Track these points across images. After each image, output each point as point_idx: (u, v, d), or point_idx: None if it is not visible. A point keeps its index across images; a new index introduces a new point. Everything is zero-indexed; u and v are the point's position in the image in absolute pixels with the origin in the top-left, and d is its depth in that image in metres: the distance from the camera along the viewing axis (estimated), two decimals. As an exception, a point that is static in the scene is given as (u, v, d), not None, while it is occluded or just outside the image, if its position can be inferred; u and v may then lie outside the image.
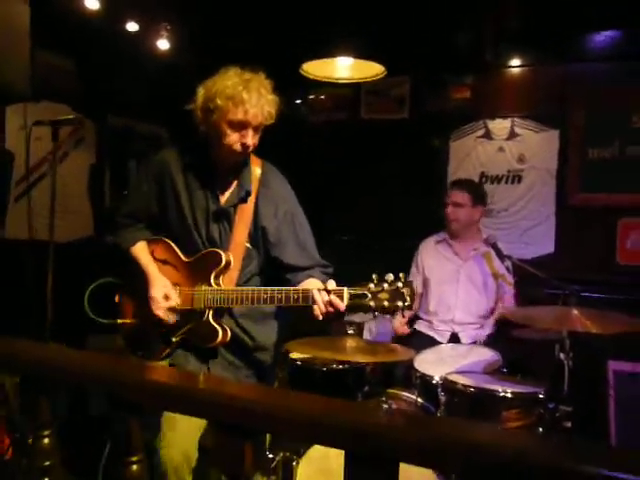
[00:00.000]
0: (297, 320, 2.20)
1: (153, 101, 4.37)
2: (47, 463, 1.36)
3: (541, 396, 2.33)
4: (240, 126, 1.89)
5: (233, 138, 1.91)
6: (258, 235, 2.05)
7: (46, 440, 1.33)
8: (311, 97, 4.61)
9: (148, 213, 2.14)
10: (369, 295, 1.75)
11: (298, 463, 2.32)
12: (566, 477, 0.94)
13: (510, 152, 4.20)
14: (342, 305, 1.78)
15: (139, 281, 2.12)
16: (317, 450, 2.30)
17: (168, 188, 2.07)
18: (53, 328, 2.45)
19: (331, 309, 1.80)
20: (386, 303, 1.74)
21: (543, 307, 2.51)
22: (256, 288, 1.96)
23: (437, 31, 3.62)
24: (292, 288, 1.90)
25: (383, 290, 1.74)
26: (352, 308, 1.84)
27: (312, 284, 1.93)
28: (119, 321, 2.21)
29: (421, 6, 3.29)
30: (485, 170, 4.26)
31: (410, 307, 1.77)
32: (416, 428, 1.08)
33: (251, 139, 1.92)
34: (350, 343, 2.57)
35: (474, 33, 3.77)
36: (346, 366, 2.73)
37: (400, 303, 1.73)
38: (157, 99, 4.35)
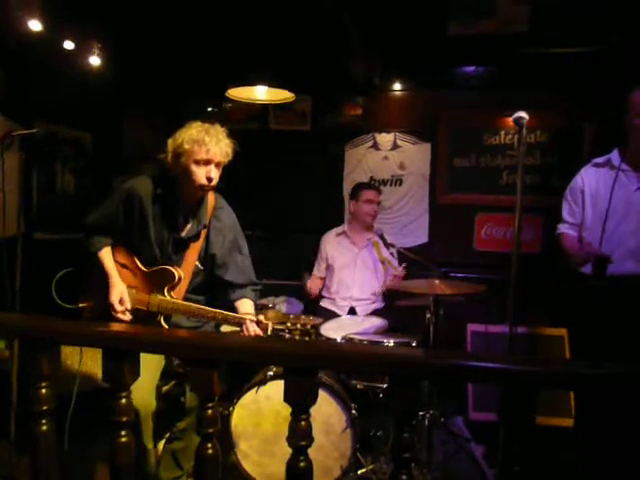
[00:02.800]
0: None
1: (77, 109, 4.38)
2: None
3: (413, 344, 2.88)
4: (204, 163, 2.18)
5: (199, 174, 2.19)
6: (207, 258, 2.37)
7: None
8: (228, 106, 4.67)
9: (112, 226, 2.35)
10: (286, 330, 2.14)
11: (233, 409, 2.72)
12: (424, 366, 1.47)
13: (393, 160, 4.53)
14: (265, 335, 2.15)
15: (98, 276, 2.36)
16: (248, 397, 2.72)
17: (136, 212, 2.29)
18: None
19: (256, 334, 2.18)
20: (297, 336, 2.14)
21: (417, 280, 3.13)
22: (201, 307, 2.27)
23: (335, 61, 3.88)
24: (230, 314, 2.25)
25: (297, 329, 2.13)
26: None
27: (245, 306, 2.33)
28: (80, 305, 2.44)
29: (321, 41, 3.61)
30: (373, 175, 4.58)
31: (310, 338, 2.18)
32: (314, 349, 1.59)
33: (214, 173, 2.21)
34: (271, 314, 3.03)
35: (365, 63, 4.06)
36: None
37: (307, 338, 2.15)
38: (81, 107, 4.38)
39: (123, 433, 1.68)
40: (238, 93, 3.31)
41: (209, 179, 2.21)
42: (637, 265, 2.47)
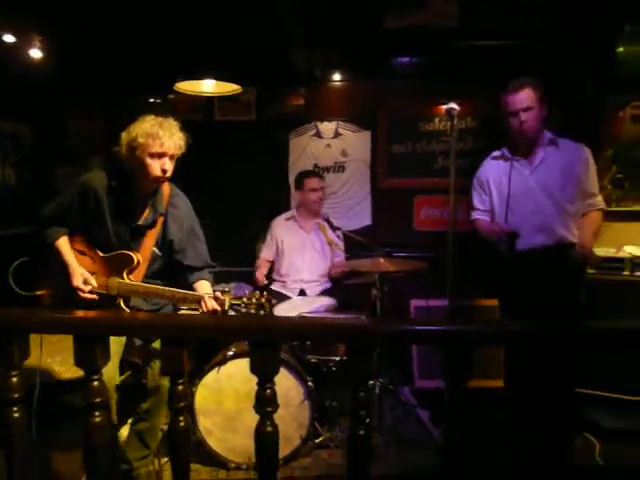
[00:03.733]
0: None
1: (16, 102, 4.24)
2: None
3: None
4: (159, 156, 2.25)
5: (154, 166, 2.26)
6: (165, 244, 2.44)
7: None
8: (171, 97, 4.61)
9: (68, 217, 2.39)
10: (243, 304, 2.21)
11: (196, 389, 2.81)
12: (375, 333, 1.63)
13: (336, 148, 4.60)
14: (222, 310, 2.22)
15: (56, 265, 2.39)
16: (210, 377, 2.82)
17: (92, 204, 2.33)
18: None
19: (214, 310, 2.24)
20: (253, 310, 2.19)
21: (362, 259, 3.30)
22: (160, 287, 2.34)
23: (278, 54, 3.94)
24: (188, 292, 2.32)
25: (252, 303, 2.19)
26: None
27: (204, 287, 2.40)
28: (37, 292, 2.47)
29: (264, 35, 3.67)
30: (317, 162, 4.62)
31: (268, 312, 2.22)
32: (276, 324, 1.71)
33: (168, 165, 2.28)
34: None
35: (307, 56, 4.15)
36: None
37: (262, 311, 2.19)
38: (20, 101, 4.24)
39: (97, 414, 1.75)
40: (185, 86, 3.34)
41: (164, 171, 2.28)
42: (545, 237, 2.75)
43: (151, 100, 4.78)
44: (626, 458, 2.72)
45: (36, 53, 3.83)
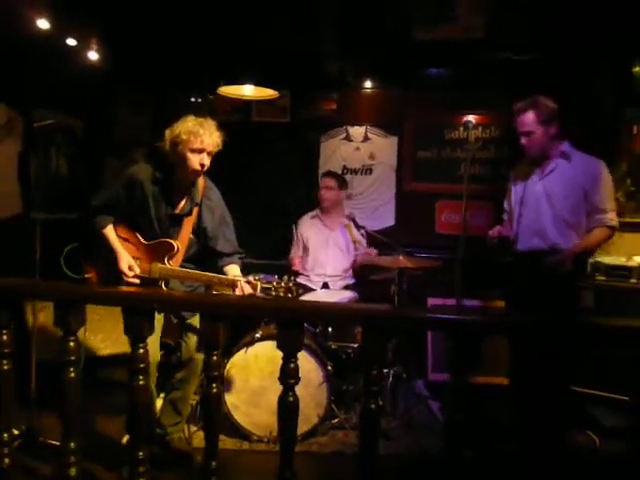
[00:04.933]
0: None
1: (70, 98, 4.48)
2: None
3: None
4: (199, 151, 2.46)
5: (194, 160, 2.47)
6: (200, 231, 2.65)
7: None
8: (211, 97, 4.78)
9: (115, 207, 2.61)
10: (273, 288, 2.39)
11: (225, 367, 2.95)
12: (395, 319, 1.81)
13: (364, 151, 4.76)
14: (255, 293, 2.41)
15: (103, 250, 2.62)
16: (238, 357, 2.97)
17: (138, 194, 2.56)
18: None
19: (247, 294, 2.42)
20: (282, 294, 2.36)
21: (384, 256, 3.47)
22: (198, 272, 2.55)
23: (313, 61, 4.15)
24: (223, 276, 2.54)
25: (281, 287, 2.37)
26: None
27: (233, 270, 2.61)
28: (86, 275, 2.70)
29: (300, 44, 3.89)
30: (346, 164, 4.79)
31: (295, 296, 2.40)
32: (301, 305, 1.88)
33: (206, 161, 2.50)
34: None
35: (339, 63, 4.33)
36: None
37: (290, 295, 2.36)
38: (73, 97, 4.49)
39: (141, 377, 1.97)
40: (227, 90, 3.56)
41: (202, 165, 2.50)
42: (541, 241, 2.84)
43: (193, 99, 5.03)
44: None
45: (91, 52, 4.05)
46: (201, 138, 2.45)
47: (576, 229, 2.80)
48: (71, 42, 3.93)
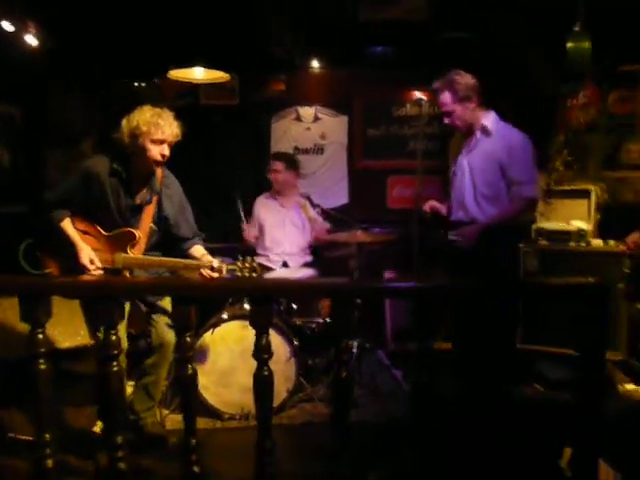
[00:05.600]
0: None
1: (10, 87, 4.30)
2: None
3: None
4: (159, 142, 2.48)
5: (155, 151, 2.49)
6: (161, 220, 2.67)
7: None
8: (157, 82, 4.63)
9: (71, 201, 2.58)
10: (238, 269, 2.49)
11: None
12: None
13: (315, 131, 4.82)
14: (221, 276, 2.48)
15: (61, 245, 2.58)
16: (205, 338, 3.01)
17: (95, 187, 2.54)
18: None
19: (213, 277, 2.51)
20: (247, 274, 2.46)
21: (341, 232, 3.55)
22: (162, 258, 2.59)
23: (260, 43, 4.13)
24: (189, 261, 2.59)
25: (246, 267, 2.48)
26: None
27: (198, 250, 2.67)
28: (47, 271, 2.65)
29: (248, 25, 3.89)
30: (297, 144, 4.84)
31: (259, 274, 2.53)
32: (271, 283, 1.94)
33: (166, 151, 2.52)
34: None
35: (287, 44, 4.30)
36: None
37: (254, 274, 2.47)
38: (11, 84, 4.29)
39: (114, 363, 1.98)
40: (178, 74, 3.51)
41: (163, 156, 2.52)
42: (463, 214, 2.90)
43: (136, 84, 4.89)
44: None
45: (29, 38, 3.89)
46: (162, 129, 2.46)
47: (494, 202, 2.82)
48: (7, 27, 3.76)
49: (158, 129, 2.45)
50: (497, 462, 2.29)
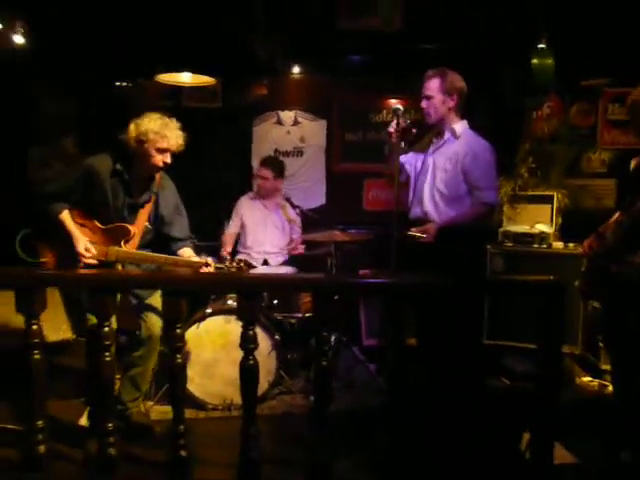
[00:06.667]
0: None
1: None
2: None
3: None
4: (163, 151, 2.60)
5: (158, 158, 2.61)
6: (157, 219, 2.78)
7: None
8: (140, 82, 4.66)
9: (70, 196, 2.67)
10: (225, 267, 2.62)
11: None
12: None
13: (295, 134, 4.93)
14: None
15: (58, 235, 2.66)
16: (190, 332, 3.05)
17: (96, 185, 2.64)
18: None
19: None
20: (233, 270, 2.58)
21: (319, 232, 3.68)
22: (155, 254, 2.69)
23: (243, 48, 4.20)
24: (179, 258, 2.71)
25: (233, 267, 2.61)
26: None
27: (187, 252, 2.77)
28: (42, 260, 2.72)
29: (231, 30, 4.00)
30: (278, 147, 4.94)
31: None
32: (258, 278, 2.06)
33: (169, 159, 2.64)
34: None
35: (268, 49, 4.39)
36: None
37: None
38: None
39: (107, 354, 2.07)
40: (165, 77, 3.59)
41: (165, 163, 2.65)
42: (420, 210, 2.97)
43: (118, 84, 4.91)
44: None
45: (10, 35, 3.90)
46: (168, 140, 2.59)
47: (451, 203, 2.89)
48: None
49: (165, 139, 2.58)
50: (464, 447, 2.45)
